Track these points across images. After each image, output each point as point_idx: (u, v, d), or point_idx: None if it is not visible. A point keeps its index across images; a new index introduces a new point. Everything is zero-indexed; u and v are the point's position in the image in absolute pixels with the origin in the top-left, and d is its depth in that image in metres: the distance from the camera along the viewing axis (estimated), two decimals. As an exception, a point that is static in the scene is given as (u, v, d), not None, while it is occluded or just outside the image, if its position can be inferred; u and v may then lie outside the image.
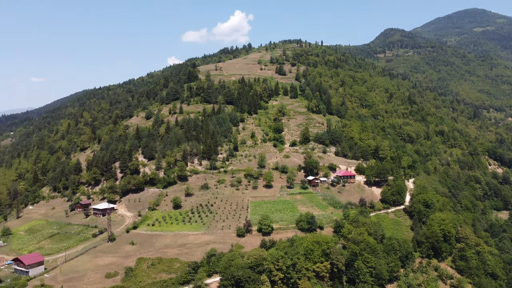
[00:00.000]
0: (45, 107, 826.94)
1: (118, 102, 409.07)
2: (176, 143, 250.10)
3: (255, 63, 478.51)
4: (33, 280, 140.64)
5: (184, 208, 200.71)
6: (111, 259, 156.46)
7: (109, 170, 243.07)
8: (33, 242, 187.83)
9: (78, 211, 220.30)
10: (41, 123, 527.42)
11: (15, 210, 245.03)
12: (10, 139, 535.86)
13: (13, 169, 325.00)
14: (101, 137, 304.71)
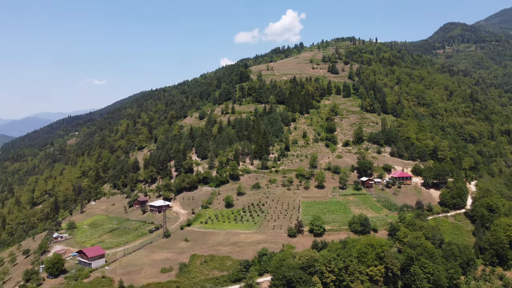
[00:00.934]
0: (106, 108, 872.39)
1: (173, 103, 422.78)
2: (228, 143, 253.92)
3: (306, 62, 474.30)
4: (95, 272, 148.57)
5: (236, 207, 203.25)
6: (166, 254, 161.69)
7: (164, 169, 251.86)
8: (95, 236, 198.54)
9: (136, 207, 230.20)
10: (102, 123, 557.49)
11: (79, 205, 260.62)
12: (75, 138, 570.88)
13: (78, 166, 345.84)
14: (157, 136, 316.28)
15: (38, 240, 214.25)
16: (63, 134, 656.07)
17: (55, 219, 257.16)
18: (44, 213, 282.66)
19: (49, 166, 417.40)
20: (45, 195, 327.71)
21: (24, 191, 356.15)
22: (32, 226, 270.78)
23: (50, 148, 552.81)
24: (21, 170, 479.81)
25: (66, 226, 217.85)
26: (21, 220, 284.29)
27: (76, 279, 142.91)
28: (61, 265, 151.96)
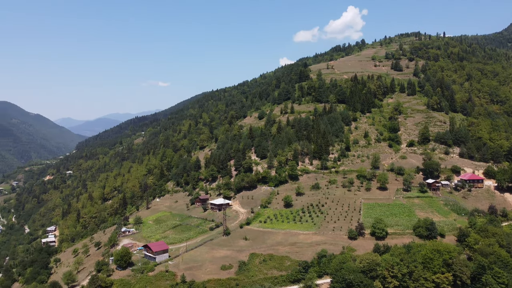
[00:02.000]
0: (170, 109, 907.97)
1: (233, 103, 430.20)
2: (287, 143, 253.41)
3: (368, 60, 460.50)
4: (159, 266, 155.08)
5: (295, 207, 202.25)
6: (226, 252, 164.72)
7: (224, 168, 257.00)
8: (159, 231, 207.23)
9: (197, 205, 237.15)
10: (166, 123, 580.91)
11: (145, 202, 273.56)
12: (141, 138, 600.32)
13: (144, 164, 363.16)
14: (218, 136, 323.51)
15: (108, 234, 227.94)
16: (131, 134, 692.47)
17: (123, 214, 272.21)
18: (114, 208, 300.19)
19: (118, 164, 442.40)
20: (114, 191, 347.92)
21: (96, 187, 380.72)
22: (103, 220, 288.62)
23: (119, 147, 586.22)
24: (93, 168, 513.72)
25: (133, 221, 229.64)
26: (93, 214, 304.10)
27: (142, 272, 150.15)
28: (128, 258, 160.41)
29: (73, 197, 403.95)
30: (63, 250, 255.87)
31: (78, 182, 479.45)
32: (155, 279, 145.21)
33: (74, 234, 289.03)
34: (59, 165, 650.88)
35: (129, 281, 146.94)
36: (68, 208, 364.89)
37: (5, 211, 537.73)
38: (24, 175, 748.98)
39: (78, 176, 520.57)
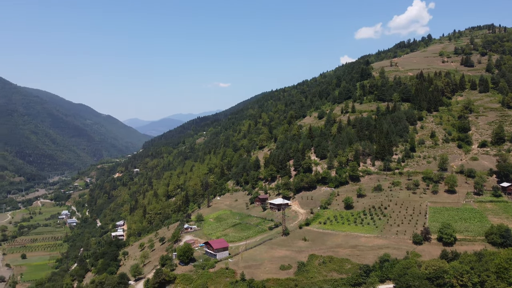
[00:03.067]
0: (230, 109, 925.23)
1: (292, 103, 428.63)
2: (348, 143, 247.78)
3: (435, 56, 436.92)
4: (219, 263, 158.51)
5: (355, 209, 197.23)
6: (285, 252, 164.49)
7: (284, 168, 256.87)
8: (220, 229, 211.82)
9: (257, 204, 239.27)
10: (227, 123, 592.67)
11: (206, 200, 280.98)
12: (203, 137, 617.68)
13: (205, 164, 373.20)
14: (277, 136, 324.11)
15: (172, 230, 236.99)
16: (193, 133, 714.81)
17: (185, 211, 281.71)
18: (177, 205, 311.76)
19: (181, 163, 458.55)
20: (177, 189, 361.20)
21: (161, 184, 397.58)
22: (167, 216, 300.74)
23: (182, 146, 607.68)
24: (158, 166, 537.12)
25: (195, 218, 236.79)
26: (158, 211, 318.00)
27: (203, 268, 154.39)
28: (190, 254, 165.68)
29: (139, 194, 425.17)
30: (131, 244, 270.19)
31: (144, 179, 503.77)
32: (216, 275, 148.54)
33: (140, 229, 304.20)
34: (127, 163, 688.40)
35: (191, 276, 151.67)
36: (135, 204, 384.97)
37: (80, 205, 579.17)
38: (96, 172, 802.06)
39: (144, 173, 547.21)
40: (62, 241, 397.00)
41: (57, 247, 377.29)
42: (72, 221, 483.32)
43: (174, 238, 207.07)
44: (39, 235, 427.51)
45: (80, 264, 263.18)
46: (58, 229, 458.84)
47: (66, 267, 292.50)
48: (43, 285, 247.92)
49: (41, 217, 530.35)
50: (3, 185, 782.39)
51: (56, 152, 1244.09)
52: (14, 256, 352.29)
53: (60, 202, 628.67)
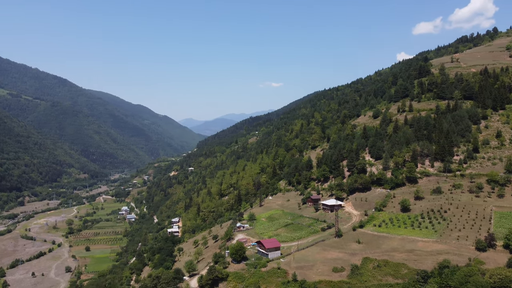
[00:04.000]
0: (283, 109, 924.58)
1: (346, 102, 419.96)
2: (404, 143, 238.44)
3: (502, 50, 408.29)
4: (271, 263, 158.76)
5: (412, 212, 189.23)
6: (338, 254, 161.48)
7: (337, 168, 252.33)
8: (272, 229, 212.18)
9: (309, 205, 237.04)
10: (279, 123, 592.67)
11: (258, 199, 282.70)
12: (255, 137, 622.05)
13: (257, 163, 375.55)
14: (330, 136, 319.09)
15: (225, 228, 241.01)
16: (245, 133, 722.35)
17: (238, 210, 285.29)
18: (229, 204, 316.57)
19: (234, 162, 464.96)
20: (230, 188, 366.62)
21: (214, 183, 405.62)
22: (220, 214, 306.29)
23: (234, 146, 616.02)
24: (212, 165, 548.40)
25: (247, 217, 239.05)
26: (211, 209, 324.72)
27: (255, 267, 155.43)
28: (243, 252, 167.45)
29: (194, 192, 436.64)
30: (185, 241, 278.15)
31: (198, 178, 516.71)
32: (267, 275, 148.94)
33: (194, 226, 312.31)
34: (182, 162, 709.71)
35: (243, 274, 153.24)
36: (189, 202, 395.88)
37: (138, 202, 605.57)
38: (154, 170, 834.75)
39: (198, 172, 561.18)
40: (122, 236, 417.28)
41: (117, 241, 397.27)
42: (131, 217, 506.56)
43: (227, 236, 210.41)
44: (101, 229, 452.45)
45: (138, 258, 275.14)
46: (118, 224, 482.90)
47: (126, 260, 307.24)
48: (105, 277, 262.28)
49: (103, 212, 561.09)
50: (70, 182, 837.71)
51: (117, 151, 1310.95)
52: (79, 248, 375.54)
53: (120, 199, 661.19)
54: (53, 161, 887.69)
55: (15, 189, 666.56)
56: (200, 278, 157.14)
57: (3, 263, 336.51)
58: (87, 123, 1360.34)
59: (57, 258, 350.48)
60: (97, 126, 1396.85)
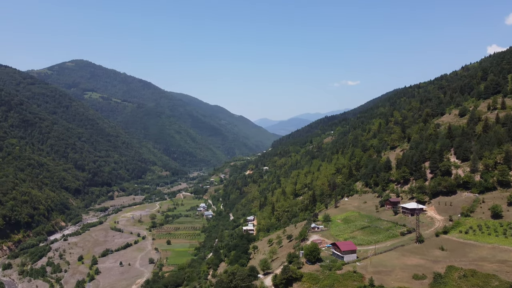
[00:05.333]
0: (359, 108, 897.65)
1: (428, 99, 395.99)
2: (496, 143, 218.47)
3: None
4: (346, 266, 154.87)
5: (505, 219, 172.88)
6: (419, 260, 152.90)
7: (418, 170, 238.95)
8: (347, 231, 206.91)
9: (387, 207, 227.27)
10: (355, 122, 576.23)
11: (334, 200, 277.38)
12: (330, 137, 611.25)
13: (333, 163, 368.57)
14: (411, 136, 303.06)
15: (299, 228, 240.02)
16: (320, 133, 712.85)
17: (312, 211, 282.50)
18: (304, 204, 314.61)
19: (308, 162, 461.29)
20: (304, 188, 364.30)
21: (289, 183, 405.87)
22: (294, 214, 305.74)
23: (309, 146, 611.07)
24: (286, 165, 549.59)
25: (321, 218, 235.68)
26: (286, 208, 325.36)
27: (330, 269, 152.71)
28: (317, 254, 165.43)
29: (268, 191, 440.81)
30: (260, 239, 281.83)
31: (273, 177, 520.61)
32: (343, 278, 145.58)
33: (269, 225, 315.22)
34: (257, 161, 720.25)
35: (317, 276, 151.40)
36: (264, 201, 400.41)
37: (215, 199, 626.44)
38: (230, 169, 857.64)
39: (273, 172, 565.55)
40: (200, 231, 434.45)
41: (196, 237, 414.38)
42: (208, 214, 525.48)
43: (301, 236, 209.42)
44: (181, 224, 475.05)
45: (215, 254, 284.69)
46: (197, 220, 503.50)
47: (203, 255, 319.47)
48: (184, 270, 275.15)
49: (182, 208, 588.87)
50: (153, 179, 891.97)
51: (196, 150, 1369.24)
52: (161, 242, 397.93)
53: (198, 196, 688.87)
54: (138, 159, 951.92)
55: (106, 184, 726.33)
56: (274, 277, 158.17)
57: (96, 252, 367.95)
58: (169, 124, 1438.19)
59: (141, 250, 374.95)
60: (178, 126, 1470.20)
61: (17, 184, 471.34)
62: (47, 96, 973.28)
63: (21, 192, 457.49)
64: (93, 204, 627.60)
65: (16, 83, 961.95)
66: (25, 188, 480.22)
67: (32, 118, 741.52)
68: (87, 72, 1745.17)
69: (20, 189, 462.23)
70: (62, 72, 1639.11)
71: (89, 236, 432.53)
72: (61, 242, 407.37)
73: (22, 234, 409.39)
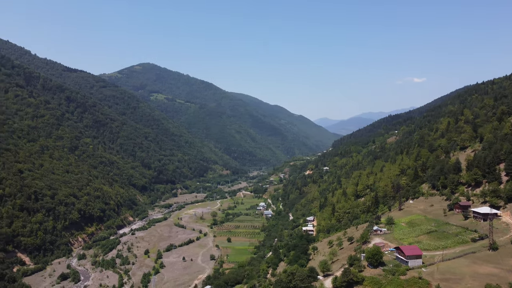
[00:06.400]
0: (426, 106, 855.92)
1: (504, 96, 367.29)
2: None
3: None
4: (411, 271, 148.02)
5: None
6: (492, 269, 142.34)
7: (492, 172, 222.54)
8: (412, 235, 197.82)
9: (457, 211, 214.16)
10: (421, 121, 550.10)
11: (397, 203, 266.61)
12: (394, 137, 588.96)
13: (397, 164, 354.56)
14: (483, 135, 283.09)
15: (360, 230, 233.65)
16: (384, 132, 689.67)
17: (375, 213, 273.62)
18: (366, 206, 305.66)
19: (371, 163, 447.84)
20: (366, 189, 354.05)
21: (349, 184, 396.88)
22: (355, 216, 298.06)
23: (371, 146, 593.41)
24: (347, 165, 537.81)
25: (384, 221, 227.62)
26: (346, 210, 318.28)
27: (393, 274, 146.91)
28: (379, 257, 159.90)
29: (328, 192, 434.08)
30: (320, 240, 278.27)
31: (333, 178, 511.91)
32: (407, 284, 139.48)
33: (329, 226, 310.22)
34: (317, 161, 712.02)
35: (379, 280, 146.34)
36: (324, 201, 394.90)
37: (274, 199, 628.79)
38: (289, 169, 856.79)
39: (333, 172, 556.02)
40: (259, 230, 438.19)
41: (255, 235, 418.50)
42: (268, 213, 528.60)
43: (362, 239, 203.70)
44: (241, 223, 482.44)
45: (274, 253, 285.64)
46: (256, 219, 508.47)
47: (263, 254, 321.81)
48: (243, 267, 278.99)
49: (242, 207, 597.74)
50: (215, 177, 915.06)
51: (255, 149, 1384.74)
52: (221, 239, 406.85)
53: (258, 195, 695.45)
54: (200, 158, 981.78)
55: (170, 182, 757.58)
56: (335, 279, 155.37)
57: (160, 246, 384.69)
58: (229, 123, 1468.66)
59: (203, 246, 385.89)
60: (238, 126, 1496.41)
61: (90, 181, 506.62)
62: (117, 98, 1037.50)
63: (94, 188, 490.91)
64: (158, 201, 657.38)
65: (90, 86, 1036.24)
66: (98, 184, 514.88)
67: (104, 119, 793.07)
68: (153, 75, 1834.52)
69: (93, 185, 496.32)
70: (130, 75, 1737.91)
71: (154, 231, 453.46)
72: (129, 236, 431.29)
73: (95, 227, 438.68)
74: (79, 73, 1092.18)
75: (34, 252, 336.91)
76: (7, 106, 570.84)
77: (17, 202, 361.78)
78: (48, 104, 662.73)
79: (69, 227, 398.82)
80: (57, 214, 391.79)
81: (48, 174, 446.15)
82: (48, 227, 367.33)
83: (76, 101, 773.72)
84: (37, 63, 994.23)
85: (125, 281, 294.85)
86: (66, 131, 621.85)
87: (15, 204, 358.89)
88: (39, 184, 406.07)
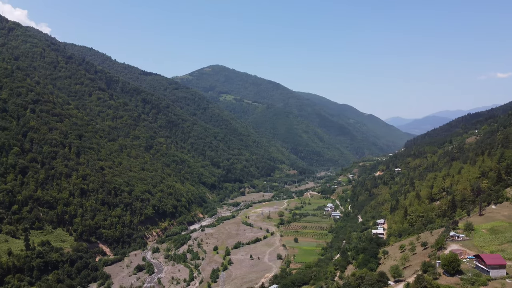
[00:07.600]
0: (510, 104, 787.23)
1: None
2: None
3: None
4: (493, 282, 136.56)
5: None
6: None
7: None
8: (495, 243, 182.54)
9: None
10: (506, 120, 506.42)
11: (478, 207, 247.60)
12: (474, 136, 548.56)
13: (477, 166, 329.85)
14: None
15: (435, 235, 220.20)
16: (462, 132, 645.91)
17: (451, 218, 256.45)
18: (441, 209, 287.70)
19: (447, 164, 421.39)
20: (442, 192, 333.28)
21: (423, 186, 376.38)
22: (430, 220, 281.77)
23: (448, 146, 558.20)
24: (421, 166, 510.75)
25: (463, 227, 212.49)
26: (420, 213, 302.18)
27: (472, 283, 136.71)
28: (457, 265, 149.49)
29: (400, 194, 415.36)
30: (391, 244, 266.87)
31: (405, 179, 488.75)
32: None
33: (401, 230, 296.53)
34: (388, 162, 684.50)
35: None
36: (395, 204, 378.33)
37: (342, 200, 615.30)
38: (358, 170, 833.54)
39: (406, 173, 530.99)
40: (327, 231, 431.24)
41: (323, 236, 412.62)
42: (335, 214, 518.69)
43: (438, 244, 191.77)
44: (308, 223, 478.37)
45: (342, 255, 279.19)
46: (324, 220, 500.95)
47: (330, 256, 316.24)
48: (310, 268, 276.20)
49: (309, 207, 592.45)
50: (281, 177, 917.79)
51: (323, 150, 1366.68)
52: (288, 239, 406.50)
53: (326, 196, 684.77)
54: (267, 157, 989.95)
55: (238, 180, 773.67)
56: (407, 286, 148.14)
57: (229, 244, 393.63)
58: (297, 123, 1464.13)
59: (269, 245, 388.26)
60: (305, 125, 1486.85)
61: (163, 178, 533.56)
62: (188, 99, 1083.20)
63: (167, 185, 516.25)
64: (226, 199, 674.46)
65: (164, 88, 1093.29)
66: (170, 181, 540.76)
67: (176, 119, 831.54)
68: (222, 76, 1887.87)
69: (166, 183, 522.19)
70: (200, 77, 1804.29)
71: (223, 228, 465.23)
72: (199, 232, 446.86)
73: (168, 222, 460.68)
74: (154, 76, 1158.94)
75: (113, 243, 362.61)
76: (91, 108, 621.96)
77: (99, 197, 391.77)
78: (126, 106, 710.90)
79: (144, 222, 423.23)
80: (133, 209, 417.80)
81: (126, 171, 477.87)
82: (126, 221, 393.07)
83: (151, 102, 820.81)
84: (116, 68, 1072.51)
85: (195, 275, 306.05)
86: (142, 131, 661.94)
87: (98, 199, 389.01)
88: (118, 181, 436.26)
